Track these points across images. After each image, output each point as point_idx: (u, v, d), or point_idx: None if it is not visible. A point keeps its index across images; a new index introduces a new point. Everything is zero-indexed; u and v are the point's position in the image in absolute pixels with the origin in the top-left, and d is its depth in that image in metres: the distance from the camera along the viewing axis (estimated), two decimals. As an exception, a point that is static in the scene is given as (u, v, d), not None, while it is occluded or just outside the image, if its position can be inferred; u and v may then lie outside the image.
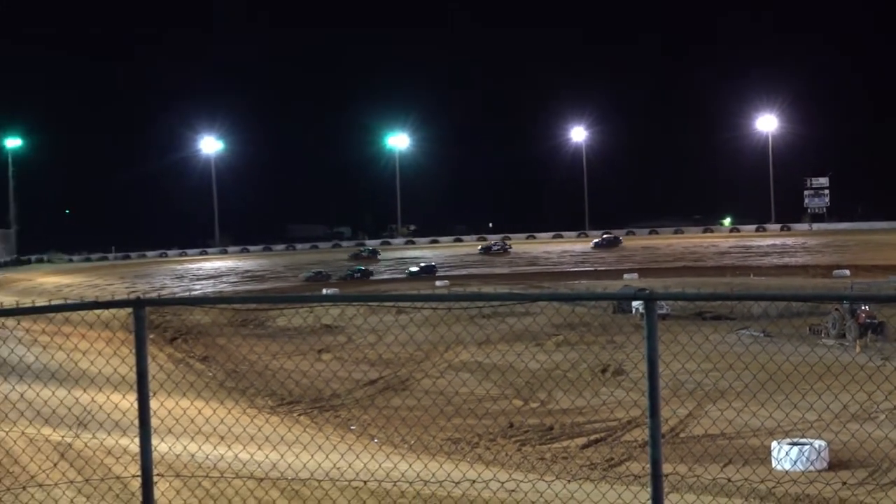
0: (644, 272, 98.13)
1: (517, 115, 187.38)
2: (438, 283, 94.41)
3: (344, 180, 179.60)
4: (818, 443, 25.60)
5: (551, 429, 32.33)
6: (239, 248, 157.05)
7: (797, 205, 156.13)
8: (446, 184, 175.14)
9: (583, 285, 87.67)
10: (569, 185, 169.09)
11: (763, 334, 50.31)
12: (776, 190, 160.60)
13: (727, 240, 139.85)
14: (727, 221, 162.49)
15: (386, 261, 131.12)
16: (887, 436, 25.89)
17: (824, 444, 25.63)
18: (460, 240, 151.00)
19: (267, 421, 32.27)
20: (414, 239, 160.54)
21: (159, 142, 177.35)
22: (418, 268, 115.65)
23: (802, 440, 25.97)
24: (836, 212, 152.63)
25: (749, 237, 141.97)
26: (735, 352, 34.22)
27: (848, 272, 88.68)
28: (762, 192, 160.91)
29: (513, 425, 32.98)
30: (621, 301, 57.83)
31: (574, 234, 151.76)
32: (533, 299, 19.61)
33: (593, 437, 30.98)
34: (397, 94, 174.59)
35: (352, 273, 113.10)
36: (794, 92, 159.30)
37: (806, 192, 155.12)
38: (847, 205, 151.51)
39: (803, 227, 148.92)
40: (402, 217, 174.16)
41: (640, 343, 9.22)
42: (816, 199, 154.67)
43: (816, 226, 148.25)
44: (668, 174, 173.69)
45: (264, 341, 54.55)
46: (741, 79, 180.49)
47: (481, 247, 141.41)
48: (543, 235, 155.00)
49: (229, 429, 20.37)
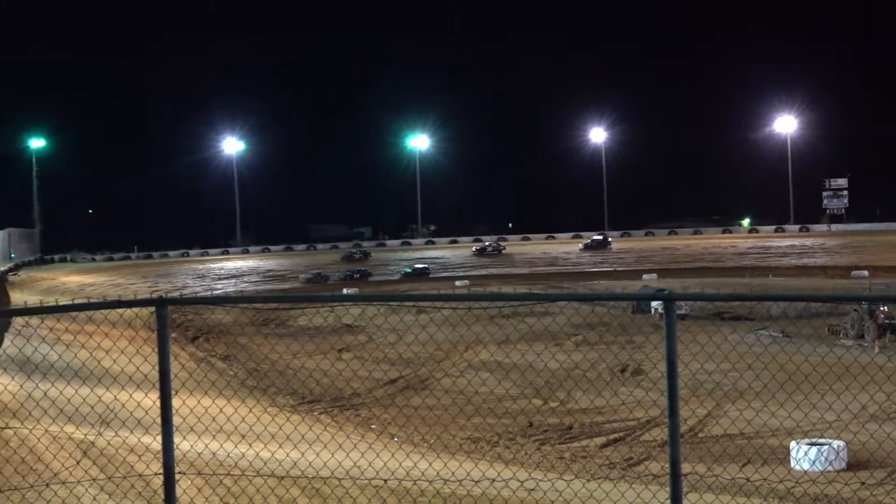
0: (663, 273, 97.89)
1: (537, 117, 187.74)
2: (458, 283, 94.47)
3: (365, 181, 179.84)
4: (836, 443, 25.58)
5: (570, 428, 32.39)
6: (260, 247, 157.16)
7: (816, 206, 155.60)
8: (467, 184, 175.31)
9: (602, 286, 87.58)
10: (588, 186, 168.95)
11: (782, 335, 50.20)
12: (795, 191, 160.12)
13: (746, 240, 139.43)
14: (746, 222, 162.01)
15: (384, 263, 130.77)
16: (906, 436, 25.90)
17: (843, 444, 25.61)
18: (480, 240, 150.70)
19: (288, 419, 32.41)
20: (434, 239, 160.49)
21: (182, 142, 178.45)
22: (412, 269, 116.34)
23: (821, 440, 25.94)
24: (855, 213, 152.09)
25: (768, 238, 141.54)
26: (754, 352, 34.30)
27: (866, 273, 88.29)
28: (781, 193, 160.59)
29: (532, 424, 33.06)
30: (640, 301, 57.78)
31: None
32: (552, 299, 19.78)
33: (612, 437, 31.01)
34: (419, 95, 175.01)
35: (351, 274, 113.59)
36: (813, 93, 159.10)
37: (824, 193, 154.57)
38: (866, 206, 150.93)
39: (822, 227, 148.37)
40: (423, 217, 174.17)
41: (658, 343, 9.35)
42: (835, 200, 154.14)
43: (835, 227, 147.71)
44: (687, 175, 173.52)
45: (285, 340, 54.71)
46: (760, 80, 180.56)
47: (475, 248, 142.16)
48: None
49: (250, 427, 20.50)
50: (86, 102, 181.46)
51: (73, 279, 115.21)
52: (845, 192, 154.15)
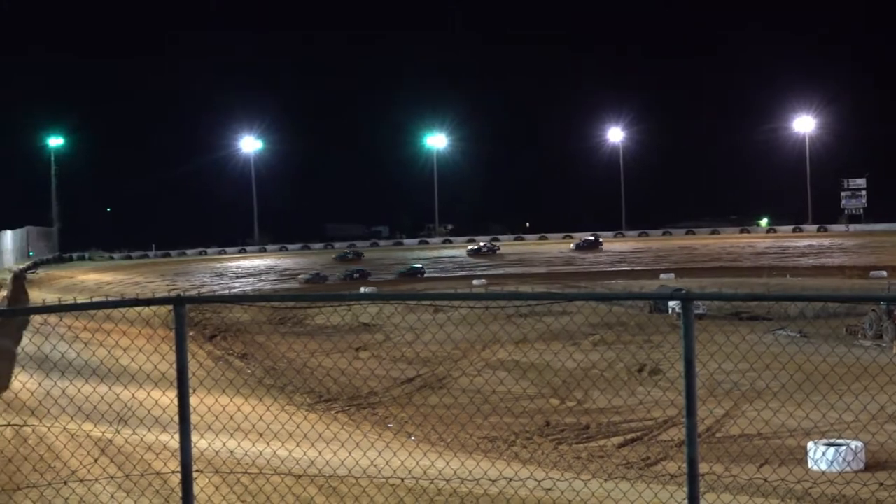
0: (681, 272, 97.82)
1: (555, 116, 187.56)
2: (476, 282, 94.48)
3: (382, 180, 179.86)
4: (855, 443, 25.46)
5: (588, 428, 32.34)
6: (278, 246, 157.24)
7: (834, 206, 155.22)
8: (484, 183, 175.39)
9: (619, 285, 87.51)
10: (606, 185, 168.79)
11: (800, 335, 50.10)
12: (813, 191, 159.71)
13: (764, 240, 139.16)
14: (764, 222, 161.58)
15: (383, 264, 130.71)
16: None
17: (861, 444, 25.49)
18: (497, 239, 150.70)
19: (305, 418, 32.32)
20: (451, 238, 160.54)
21: (199, 140, 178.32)
22: (406, 269, 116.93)
23: (839, 441, 25.85)
24: (874, 213, 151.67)
25: (786, 238, 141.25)
26: (772, 352, 34.20)
27: (885, 273, 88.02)
28: (799, 193, 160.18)
29: (549, 424, 33.02)
30: (658, 301, 57.69)
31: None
32: (570, 299, 19.73)
33: (630, 437, 30.93)
34: (436, 94, 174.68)
35: (350, 274, 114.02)
36: (832, 92, 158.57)
37: (843, 193, 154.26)
38: (884, 206, 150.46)
39: (840, 227, 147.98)
40: (440, 216, 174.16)
41: (676, 343, 9.34)
42: (853, 200, 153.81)
43: (853, 227, 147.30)
44: (704, 175, 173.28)
45: (303, 339, 54.80)
46: (778, 79, 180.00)
47: (469, 248, 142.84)
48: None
49: (268, 426, 20.47)
50: (104, 101, 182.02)
51: (91, 277, 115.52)
52: (864, 192, 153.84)
